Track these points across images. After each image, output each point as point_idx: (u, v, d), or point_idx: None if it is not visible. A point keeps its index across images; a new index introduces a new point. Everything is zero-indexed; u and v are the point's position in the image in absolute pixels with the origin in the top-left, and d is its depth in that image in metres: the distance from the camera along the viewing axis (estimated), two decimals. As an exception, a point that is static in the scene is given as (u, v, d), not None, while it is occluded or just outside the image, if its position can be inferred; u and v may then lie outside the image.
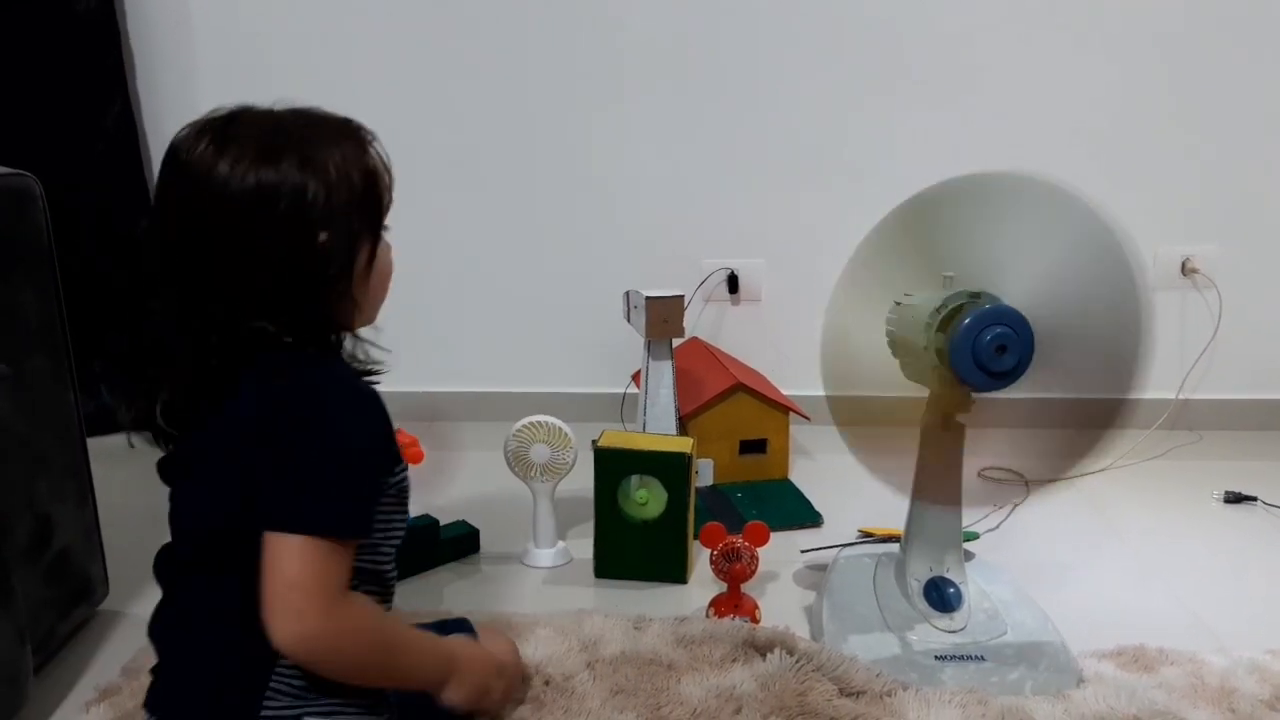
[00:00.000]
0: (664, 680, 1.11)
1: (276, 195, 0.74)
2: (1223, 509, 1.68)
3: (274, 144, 0.76)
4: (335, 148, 0.78)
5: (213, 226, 0.75)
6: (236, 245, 0.75)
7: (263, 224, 0.74)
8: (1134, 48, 1.93)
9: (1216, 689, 1.11)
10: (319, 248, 0.76)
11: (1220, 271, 1.99)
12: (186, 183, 0.75)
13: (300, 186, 0.75)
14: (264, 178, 0.74)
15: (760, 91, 1.99)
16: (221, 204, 0.74)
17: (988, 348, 1.02)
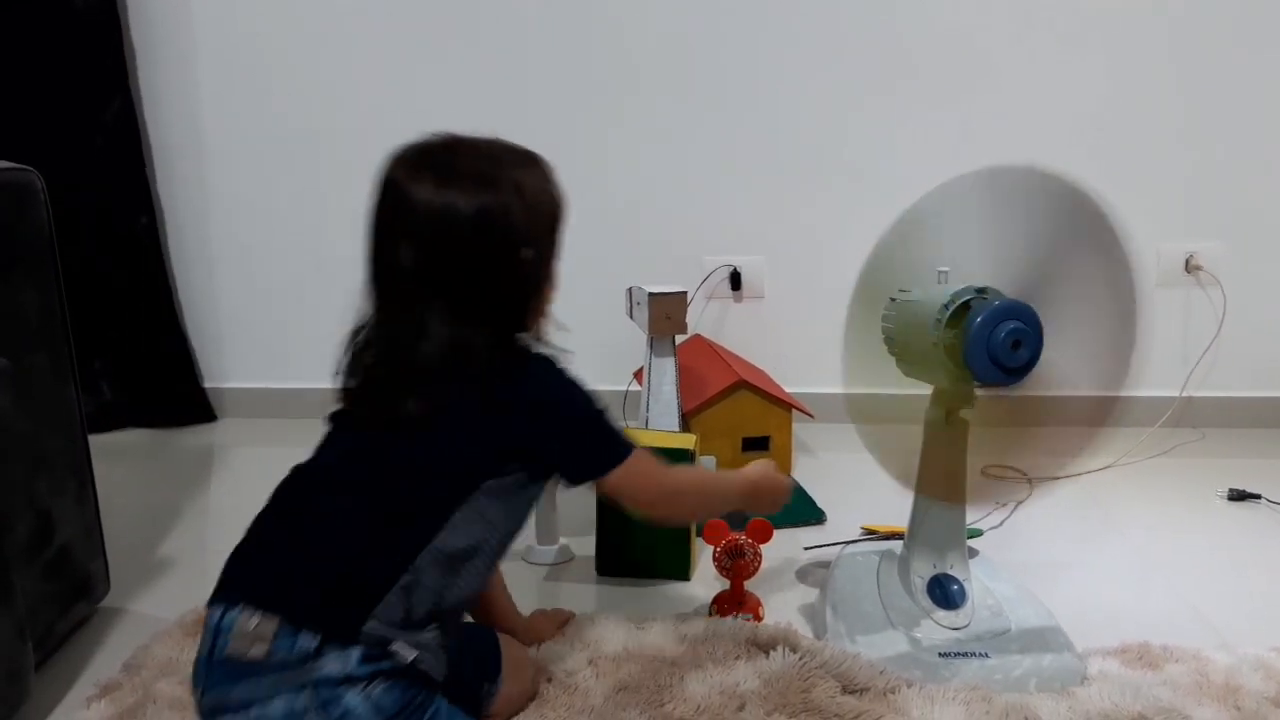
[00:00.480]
0: (667, 677, 1.11)
1: (492, 218, 0.88)
2: (1227, 506, 1.67)
3: (489, 173, 0.90)
4: (531, 177, 0.92)
5: (442, 247, 0.88)
6: (463, 262, 0.88)
7: (483, 243, 0.88)
8: (1138, 45, 1.92)
9: (1221, 686, 1.10)
10: (522, 262, 0.91)
11: (1224, 269, 1.99)
12: (413, 211, 0.88)
13: (509, 210, 0.89)
14: (484, 202, 0.88)
15: (762, 90, 1.99)
16: (450, 228, 0.87)
17: (1004, 343, 1.01)
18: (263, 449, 2.01)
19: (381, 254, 0.91)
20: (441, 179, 0.88)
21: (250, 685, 0.82)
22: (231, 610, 0.85)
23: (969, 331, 1.01)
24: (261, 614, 0.83)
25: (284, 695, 0.81)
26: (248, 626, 0.83)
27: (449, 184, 0.87)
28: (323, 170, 2.07)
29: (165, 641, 1.20)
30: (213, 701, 0.84)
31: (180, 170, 2.10)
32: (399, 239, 0.89)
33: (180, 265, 2.16)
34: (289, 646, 0.82)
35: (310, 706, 0.81)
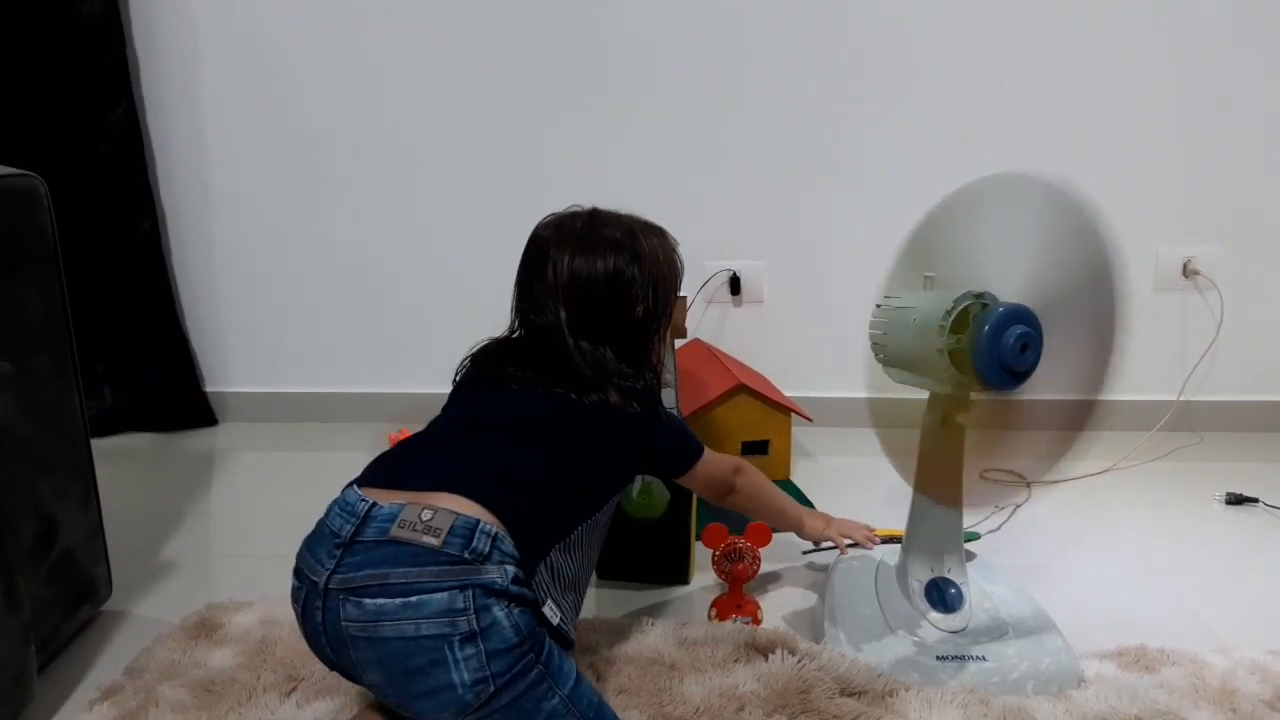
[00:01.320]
0: (667, 680, 1.11)
1: (619, 279, 1.09)
2: (1224, 510, 1.68)
3: (622, 241, 1.11)
4: (652, 247, 1.12)
5: (583, 302, 1.08)
6: (598, 312, 1.08)
7: (610, 298, 1.09)
8: (1136, 49, 1.93)
9: (1218, 689, 1.11)
10: (638, 314, 1.10)
11: (1222, 273, 1.99)
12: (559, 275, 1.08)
13: (632, 274, 1.09)
14: (615, 264, 1.09)
15: (763, 95, 1.99)
16: (588, 288, 1.08)
17: (1013, 348, 1.02)
18: (264, 453, 2.02)
19: (535, 296, 1.10)
20: (581, 249, 1.08)
21: (414, 571, 0.86)
22: (385, 504, 0.90)
23: (979, 337, 1.02)
24: (435, 509, 0.89)
25: (448, 590, 0.85)
26: (420, 517, 0.88)
27: (588, 254, 1.08)
28: (325, 175, 2.07)
29: (167, 644, 1.21)
30: (360, 581, 0.87)
31: (183, 175, 2.11)
32: (551, 291, 1.08)
33: (182, 270, 2.16)
34: (461, 545, 0.87)
35: (469, 608, 0.85)
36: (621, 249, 1.09)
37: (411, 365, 2.13)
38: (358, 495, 0.92)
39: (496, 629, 0.86)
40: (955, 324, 1.05)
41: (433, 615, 0.85)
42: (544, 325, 1.08)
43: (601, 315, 1.08)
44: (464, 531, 0.87)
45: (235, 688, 1.11)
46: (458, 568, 0.86)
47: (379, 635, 0.86)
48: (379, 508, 0.90)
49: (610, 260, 1.08)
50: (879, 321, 1.18)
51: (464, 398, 1.12)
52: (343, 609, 0.87)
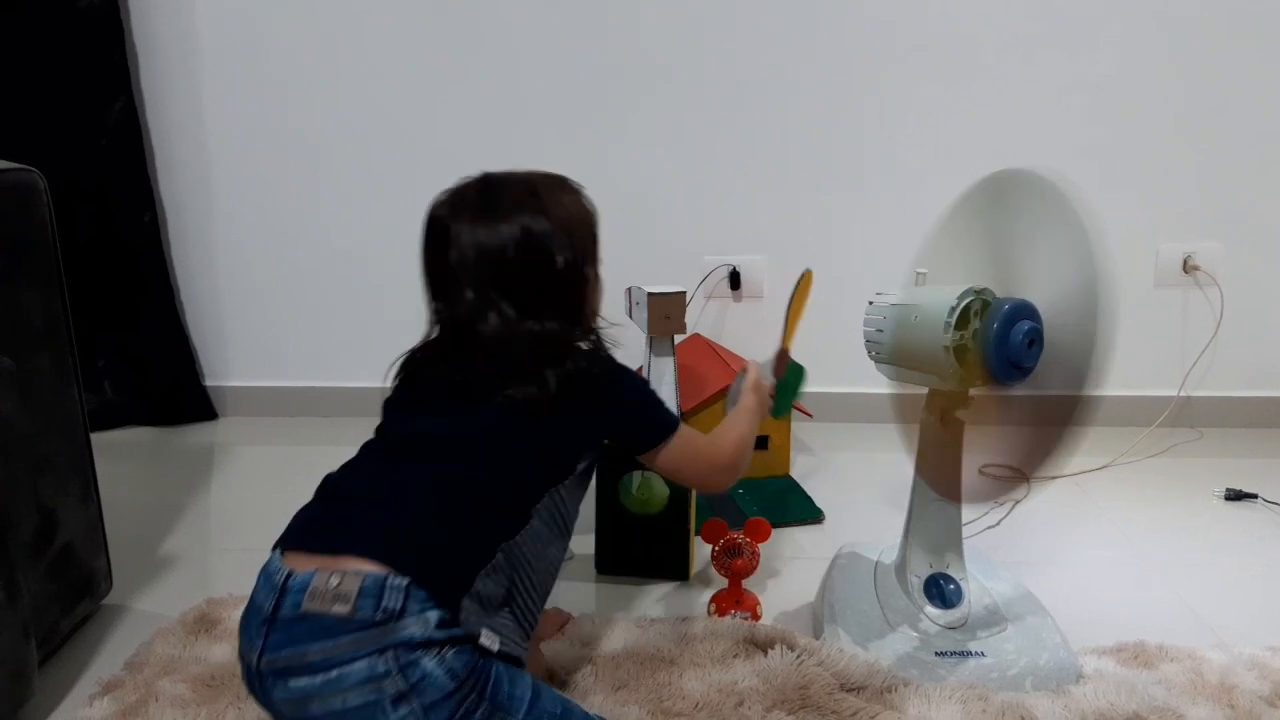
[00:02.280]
0: (666, 675, 1.12)
1: (529, 238, 0.99)
2: (1223, 506, 1.68)
3: (525, 198, 1.00)
4: (557, 198, 1.02)
5: (494, 271, 0.98)
6: (514, 278, 0.98)
7: (526, 260, 0.98)
8: (1137, 45, 1.93)
9: (1216, 685, 1.11)
10: (560, 267, 1.00)
11: (1222, 269, 1.99)
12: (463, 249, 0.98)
13: (541, 229, 0.99)
14: (521, 227, 0.98)
15: (763, 90, 1.99)
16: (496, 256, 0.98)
17: (1021, 343, 1.02)
18: (264, 447, 2.02)
19: (444, 284, 1.01)
20: (485, 215, 0.99)
21: (330, 645, 0.82)
22: (297, 571, 0.85)
23: (989, 333, 1.02)
24: (344, 573, 0.83)
25: (366, 657, 0.81)
26: (329, 584, 0.83)
27: (493, 219, 0.99)
28: (324, 170, 2.07)
29: (167, 639, 1.21)
30: (283, 662, 0.83)
31: (182, 170, 2.11)
32: (457, 274, 0.99)
33: (182, 264, 2.16)
34: (372, 606, 0.82)
35: (391, 669, 0.81)
36: (524, 206, 1.00)
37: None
38: (278, 564, 0.88)
39: (429, 681, 0.82)
40: (959, 320, 1.05)
41: (356, 686, 0.81)
42: (460, 314, 1.00)
43: (520, 282, 0.99)
44: (373, 591, 0.83)
45: (235, 682, 1.11)
46: (373, 631, 0.82)
47: (310, 715, 0.83)
48: (294, 578, 0.85)
49: (515, 221, 0.99)
50: (873, 319, 1.18)
51: (390, 418, 1.05)
52: (274, 690, 0.84)
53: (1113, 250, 1.13)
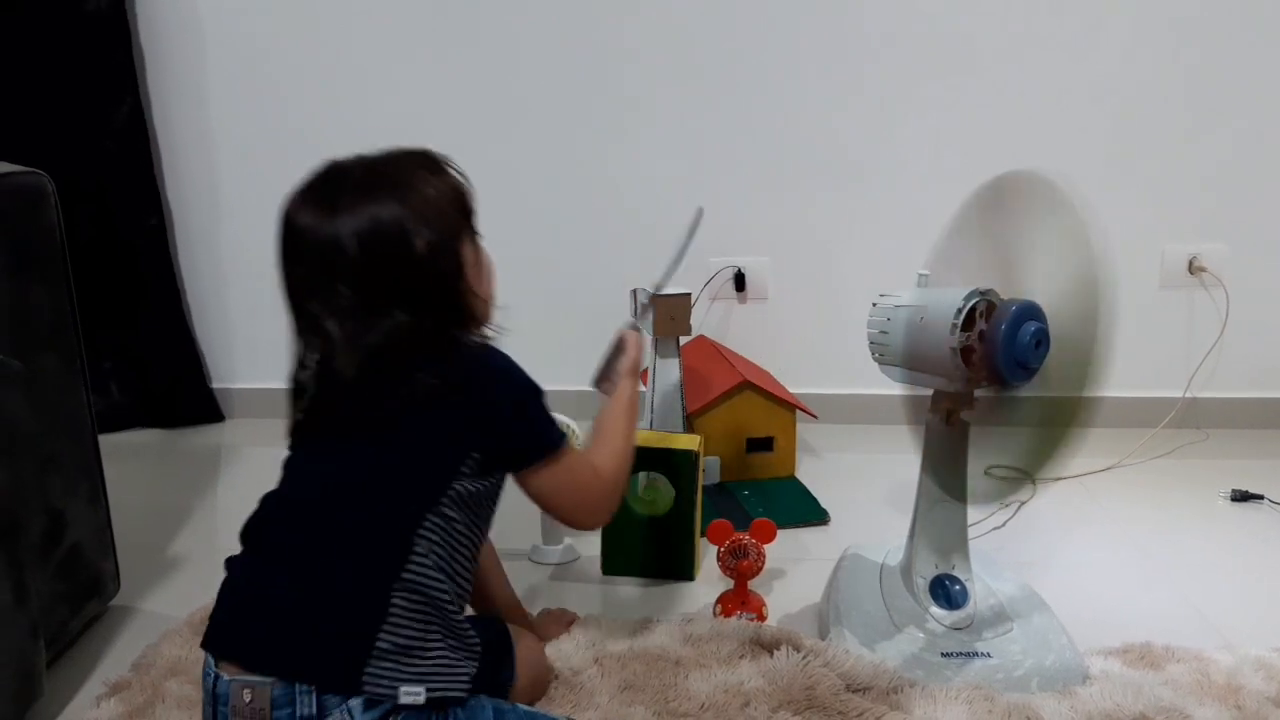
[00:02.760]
0: (672, 676, 1.12)
1: (379, 225, 0.88)
2: (1229, 507, 1.68)
3: (372, 183, 0.91)
4: (421, 172, 0.94)
5: (345, 266, 0.88)
6: (369, 273, 0.88)
7: (379, 250, 0.88)
8: (1143, 45, 1.93)
9: (1223, 686, 1.11)
10: (421, 251, 0.89)
11: (1227, 270, 1.99)
12: (310, 236, 0.90)
13: (394, 213, 0.88)
14: (373, 212, 0.89)
15: (767, 90, 1.99)
16: (343, 249, 0.88)
17: (1029, 344, 1.02)
18: (271, 449, 2.00)
19: (297, 286, 0.93)
20: (326, 209, 0.90)
21: None
22: (222, 679, 0.84)
23: (999, 334, 1.02)
24: (254, 686, 0.82)
25: None
26: (243, 700, 0.82)
27: (334, 212, 0.89)
28: (329, 172, 2.08)
29: (174, 640, 1.22)
30: None
31: (189, 172, 2.11)
32: (305, 279, 0.91)
33: (189, 266, 2.17)
34: (289, 715, 0.81)
35: None
36: (372, 189, 0.90)
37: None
38: (210, 666, 0.86)
39: None
40: (965, 321, 1.05)
41: None
42: (318, 327, 0.91)
43: (376, 278, 0.88)
44: (284, 701, 0.81)
45: (242, 683, 1.11)
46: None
47: None
48: (220, 683, 0.84)
49: (361, 211, 0.88)
50: (877, 320, 1.18)
51: (285, 473, 0.98)
52: None
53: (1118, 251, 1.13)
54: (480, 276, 0.96)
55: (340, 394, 0.91)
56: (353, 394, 0.90)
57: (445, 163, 0.97)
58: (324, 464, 0.93)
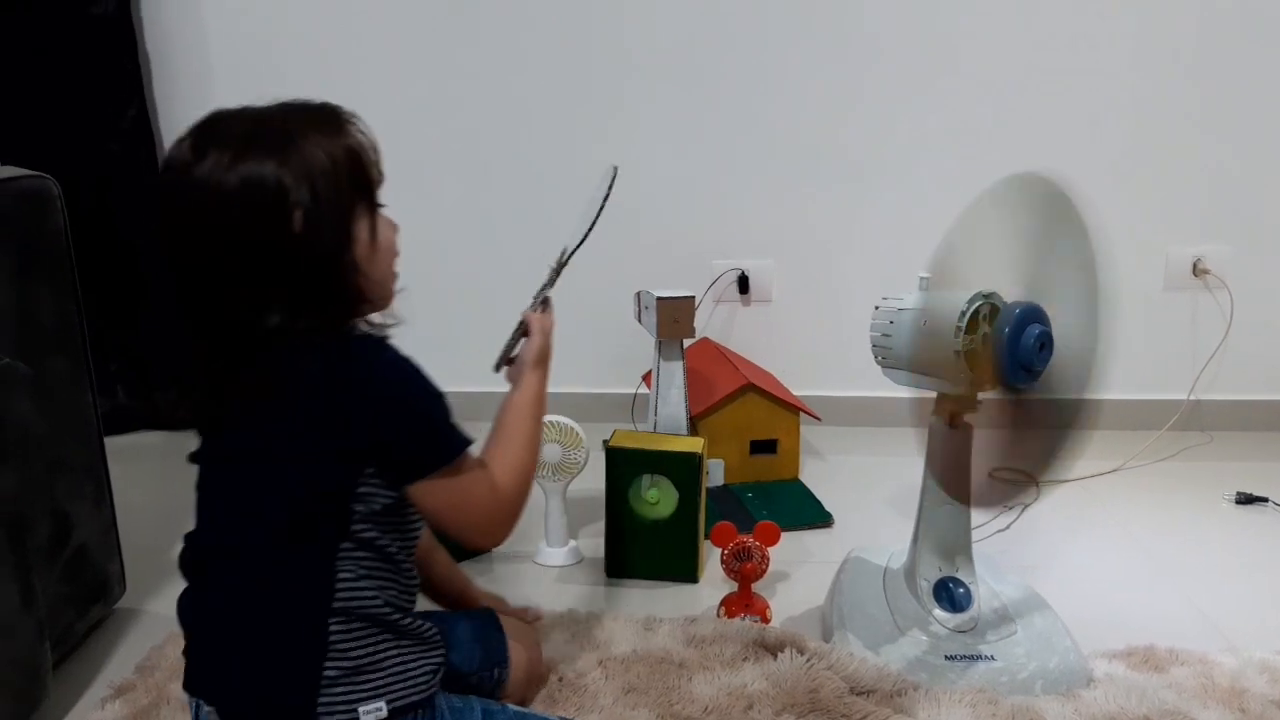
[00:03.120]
0: (675, 679, 1.12)
1: (261, 186, 0.76)
2: (1234, 510, 1.67)
3: (252, 138, 0.79)
4: (312, 132, 0.81)
5: (207, 228, 0.78)
6: (231, 242, 0.77)
7: (252, 216, 0.77)
8: (1147, 46, 1.92)
9: (1227, 689, 1.11)
10: (303, 230, 0.78)
11: (1232, 272, 1.99)
12: (176, 193, 0.79)
13: (278, 174, 0.77)
14: (246, 172, 0.77)
15: (770, 91, 1.99)
16: (210, 206, 0.77)
17: (1033, 347, 1.02)
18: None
19: (165, 250, 0.80)
20: (193, 163, 0.77)
21: None
22: (204, 707, 0.84)
23: (1002, 338, 1.02)
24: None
25: None
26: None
27: (201, 167, 0.77)
28: (334, 175, 2.08)
29: (179, 643, 1.20)
30: None
31: (193, 175, 2.12)
32: (177, 236, 0.79)
33: (193, 269, 2.17)
34: None
35: None
36: (249, 144, 0.78)
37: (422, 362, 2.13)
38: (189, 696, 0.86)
39: None
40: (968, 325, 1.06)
41: None
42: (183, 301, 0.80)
43: (244, 247, 0.77)
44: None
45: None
46: None
47: None
48: (202, 712, 0.84)
49: (236, 166, 0.76)
50: (879, 324, 1.18)
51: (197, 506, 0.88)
52: None
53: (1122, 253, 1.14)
54: (375, 256, 0.84)
55: (216, 394, 0.82)
56: (228, 395, 0.81)
57: (347, 120, 0.85)
58: (225, 497, 0.85)
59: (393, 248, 0.88)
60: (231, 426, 0.84)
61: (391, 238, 0.88)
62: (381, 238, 0.86)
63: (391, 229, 0.88)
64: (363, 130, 0.85)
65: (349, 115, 0.85)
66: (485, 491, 0.86)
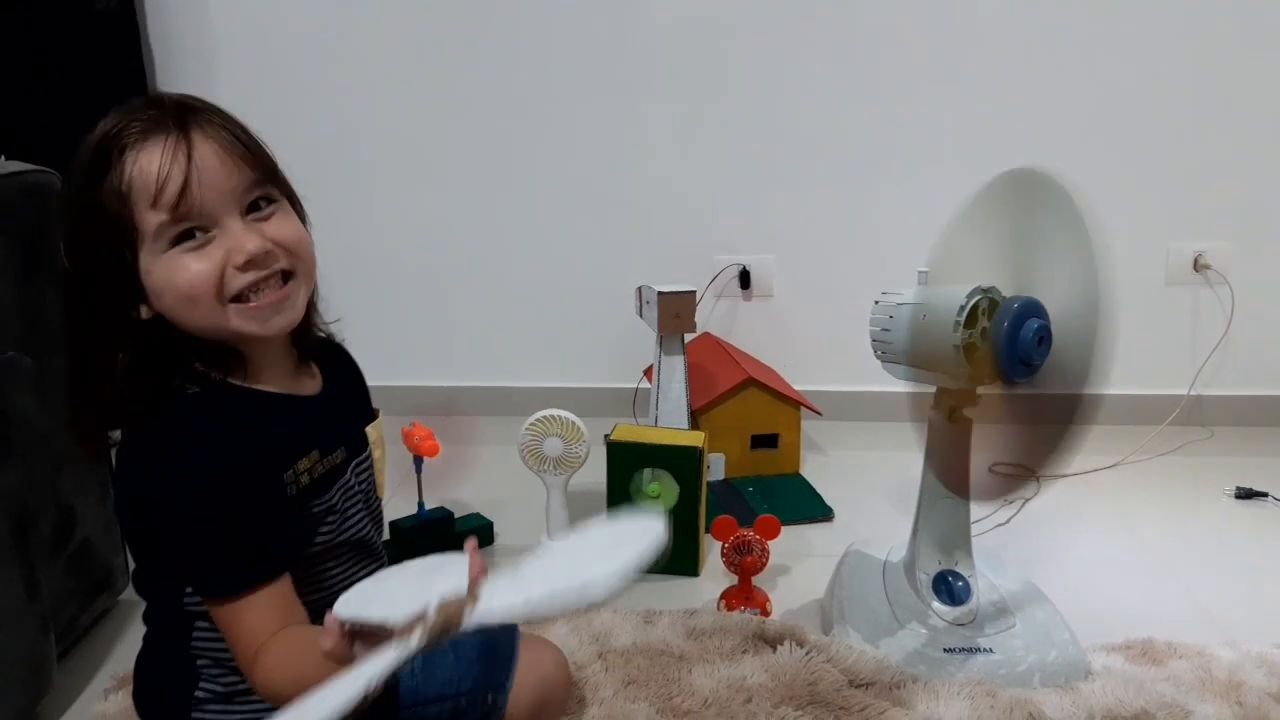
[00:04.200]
0: (675, 671, 1.13)
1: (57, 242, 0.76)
2: (1234, 505, 1.68)
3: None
4: (76, 177, 0.73)
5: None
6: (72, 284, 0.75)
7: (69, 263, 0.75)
8: (1148, 43, 1.92)
9: (1225, 682, 1.12)
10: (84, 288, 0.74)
11: (1232, 268, 1.99)
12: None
13: (61, 226, 0.75)
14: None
15: (772, 88, 1.99)
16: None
17: (1031, 341, 1.02)
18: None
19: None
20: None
21: None
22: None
23: (1001, 332, 1.03)
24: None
25: None
26: None
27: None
28: (338, 171, 2.08)
29: (184, 634, 1.23)
30: None
31: (196, 171, 2.12)
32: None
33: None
34: None
35: None
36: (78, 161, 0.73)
37: (426, 358, 2.14)
38: None
39: None
40: (967, 319, 1.06)
41: None
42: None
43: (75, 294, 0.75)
44: None
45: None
46: None
47: None
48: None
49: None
50: (879, 318, 1.18)
51: None
52: None
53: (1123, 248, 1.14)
54: (175, 300, 0.73)
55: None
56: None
57: (118, 153, 0.72)
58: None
59: (194, 289, 0.73)
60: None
61: (189, 278, 0.72)
62: (176, 281, 0.72)
63: (190, 267, 0.72)
64: (141, 162, 0.72)
65: (129, 140, 0.72)
66: (245, 654, 0.73)
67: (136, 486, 0.75)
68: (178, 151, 0.72)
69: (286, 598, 0.74)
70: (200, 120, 0.75)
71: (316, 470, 0.79)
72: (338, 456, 0.82)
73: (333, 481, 0.81)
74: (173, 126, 0.73)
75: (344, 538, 0.83)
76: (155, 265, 0.72)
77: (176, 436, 0.74)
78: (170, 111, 0.74)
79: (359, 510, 0.85)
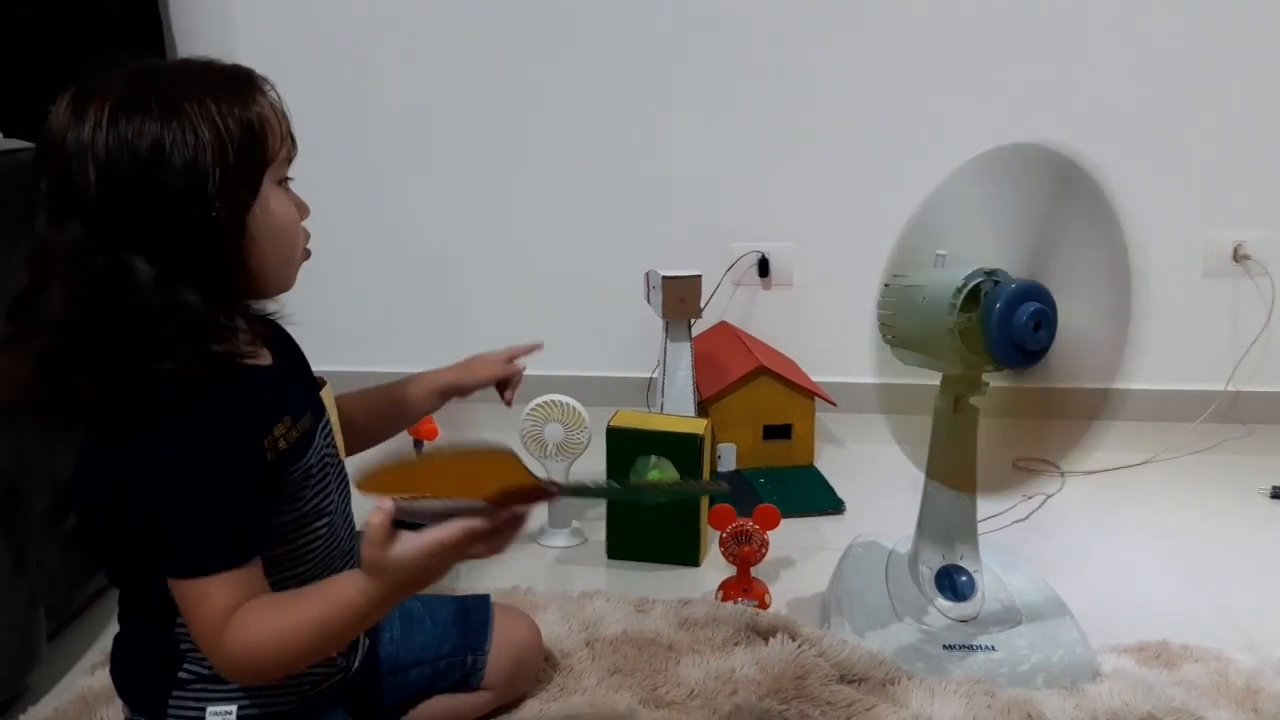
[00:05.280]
0: (663, 661, 1.10)
1: (134, 151, 0.69)
2: (1269, 505, 1.60)
3: (132, 97, 0.70)
4: (206, 95, 0.71)
5: (78, 198, 0.70)
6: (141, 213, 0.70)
7: (124, 186, 0.69)
8: (1188, 23, 1.85)
9: (1241, 688, 1.06)
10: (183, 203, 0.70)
11: (1274, 258, 1.91)
12: (50, 156, 0.71)
13: (158, 139, 0.69)
14: (121, 133, 0.69)
15: (793, 74, 1.95)
16: (83, 170, 0.69)
17: (1026, 326, 0.98)
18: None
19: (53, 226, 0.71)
20: (77, 112, 0.71)
21: None
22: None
23: (990, 315, 0.98)
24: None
25: None
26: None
27: (83, 116, 0.70)
28: (354, 170, 2.07)
29: (176, 613, 1.23)
30: None
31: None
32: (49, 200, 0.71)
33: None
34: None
35: None
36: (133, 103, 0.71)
37: (429, 343, 2.13)
38: None
39: None
40: (966, 302, 1.02)
41: None
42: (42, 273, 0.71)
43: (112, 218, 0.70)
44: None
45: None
46: None
47: None
48: None
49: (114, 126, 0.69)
50: (887, 301, 1.14)
51: None
52: None
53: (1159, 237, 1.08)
54: (270, 235, 0.75)
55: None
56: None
57: (255, 87, 0.75)
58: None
59: (293, 228, 0.79)
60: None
61: (293, 217, 0.79)
62: (279, 216, 0.77)
63: (295, 209, 0.80)
64: (272, 101, 0.77)
65: (261, 82, 0.76)
66: (207, 631, 0.72)
67: (118, 472, 0.72)
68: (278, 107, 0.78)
69: (258, 577, 0.76)
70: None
71: (291, 435, 0.79)
72: (306, 422, 0.82)
73: (306, 446, 0.81)
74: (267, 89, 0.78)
75: (324, 503, 0.83)
76: (274, 196, 0.76)
77: (170, 419, 0.72)
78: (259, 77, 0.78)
79: (332, 474, 0.86)
